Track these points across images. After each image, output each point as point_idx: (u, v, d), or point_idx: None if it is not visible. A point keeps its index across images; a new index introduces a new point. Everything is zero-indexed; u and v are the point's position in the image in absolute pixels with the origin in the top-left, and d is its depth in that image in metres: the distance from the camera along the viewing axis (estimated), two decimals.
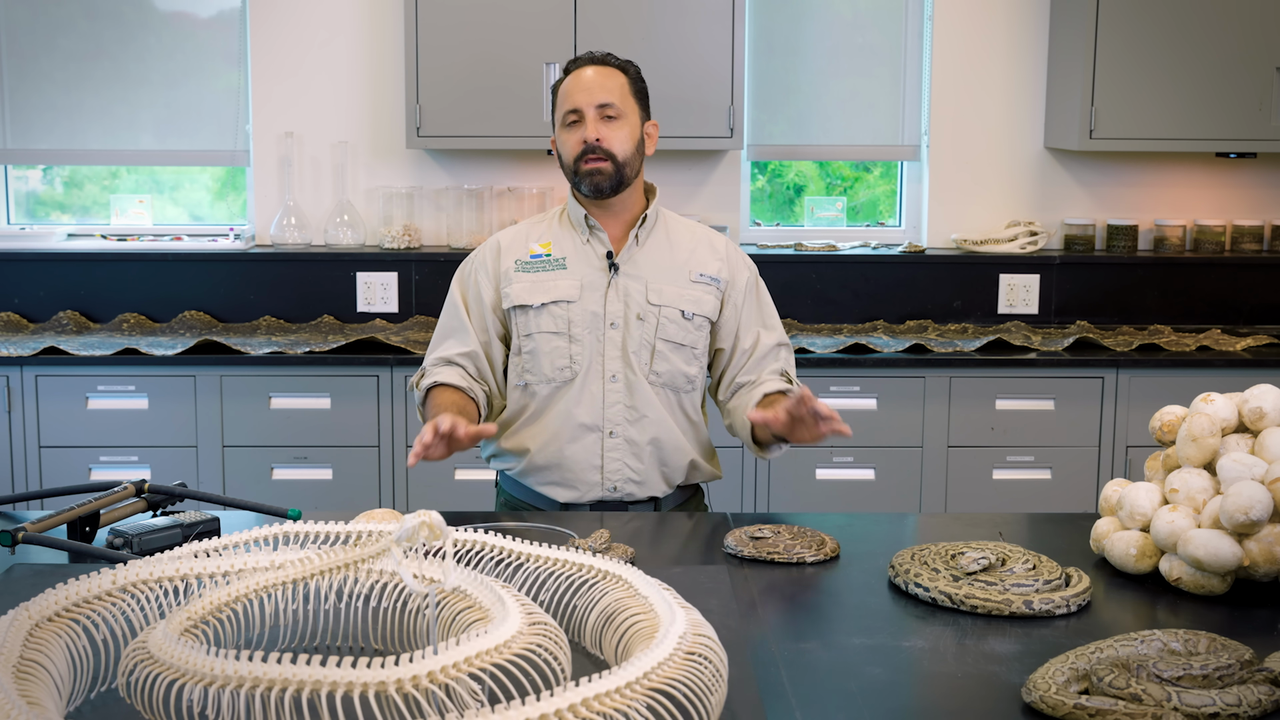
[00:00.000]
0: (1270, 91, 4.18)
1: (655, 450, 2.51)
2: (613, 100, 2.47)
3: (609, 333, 2.49)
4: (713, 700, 1.33)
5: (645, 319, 2.49)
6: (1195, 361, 4.02)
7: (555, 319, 2.49)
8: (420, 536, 1.39)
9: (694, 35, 4.08)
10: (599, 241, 2.52)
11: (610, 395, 2.49)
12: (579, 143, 2.46)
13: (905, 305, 4.48)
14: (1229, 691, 1.46)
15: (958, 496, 4.01)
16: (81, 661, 1.41)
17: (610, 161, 2.46)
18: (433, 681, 1.22)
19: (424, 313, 4.38)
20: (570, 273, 2.51)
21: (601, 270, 2.51)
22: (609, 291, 2.50)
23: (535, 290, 2.50)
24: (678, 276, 2.52)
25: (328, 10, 4.38)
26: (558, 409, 2.50)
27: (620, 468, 2.50)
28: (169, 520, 2.08)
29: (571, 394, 2.49)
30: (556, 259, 2.52)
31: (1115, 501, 2.06)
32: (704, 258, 2.56)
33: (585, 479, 2.50)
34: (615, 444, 2.49)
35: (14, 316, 4.29)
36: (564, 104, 2.50)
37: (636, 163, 2.50)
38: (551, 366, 2.49)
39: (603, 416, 2.49)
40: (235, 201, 4.64)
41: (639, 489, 2.52)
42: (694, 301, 2.52)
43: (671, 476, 2.54)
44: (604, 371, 2.49)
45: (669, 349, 2.50)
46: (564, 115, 2.49)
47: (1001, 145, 4.54)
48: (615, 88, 2.48)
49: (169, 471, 3.86)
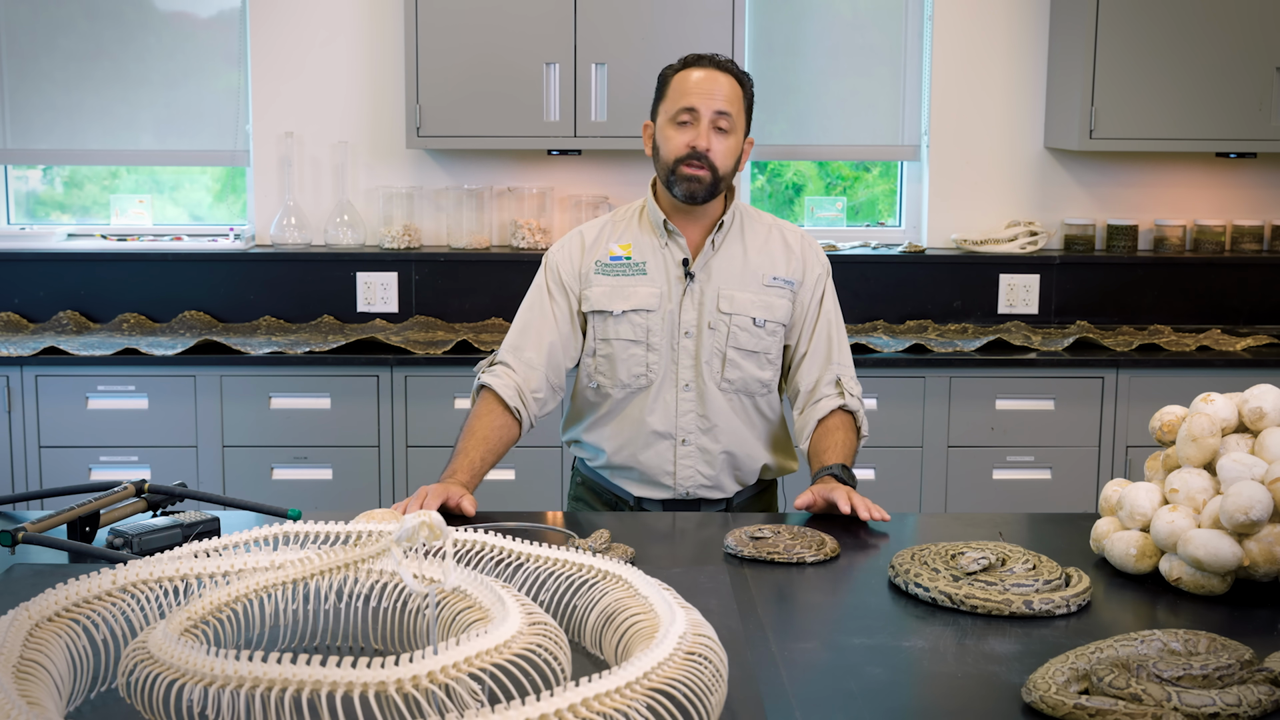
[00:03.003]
0: (1270, 91, 4.18)
1: (728, 458, 2.53)
2: (730, 110, 2.42)
3: (683, 341, 2.48)
4: (713, 700, 1.33)
5: (716, 327, 2.48)
6: (1195, 361, 4.02)
7: (634, 327, 2.48)
8: (420, 536, 1.39)
9: (694, 35, 4.08)
10: (677, 247, 2.50)
11: (683, 404, 2.49)
12: (687, 145, 2.41)
13: (905, 305, 4.48)
14: (1229, 691, 1.46)
15: (958, 496, 4.01)
16: (81, 661, 1.41)
17: (711, 173, 2.42)
18: (433, 681, 1.22)
19: (424, 313, 4.38)
20: (650, 279, 2.49)
21: (678, 278, 2.49)
22: (684, 300, 2.48)
23: (615, 296, 2.48)
24: (750, 282, 2.50)
25: (328, 10, 4.38)
26: (631, 415, 2.51)
27: (692, 474, 2.51)
28: (169, 520, 2.08)
29: (646, 401, 2.49)
30: (637, 263, 2.50)
31: (1115, 501, 2.06)
32: (776, 258, 2.53)
33: (659, 481, 2.52)
34: (688, 451, 2.50)
35: (14, 316, 4.29)
36: (679, 99, 2.43)
37: (731, 176, 2.48)
38: (628, 374, 2.49)
39: (676, 425, 2.49)
40: (235, 201, 4.64)
41: (711, 492, 2.54)
42: (766, 308, 2.50)
43: (745, 478, 2.56)
44: (678, 380, 2.49)
45: (740, 356, 2.49)
46: (677, 111, 2.42)
47: (1001, 145, 4.54)
48: (735, 98, 2.44)
49: (169, 471, 3.86)
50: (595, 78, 4.08)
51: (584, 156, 4.44)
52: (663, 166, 2.46)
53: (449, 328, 4.31)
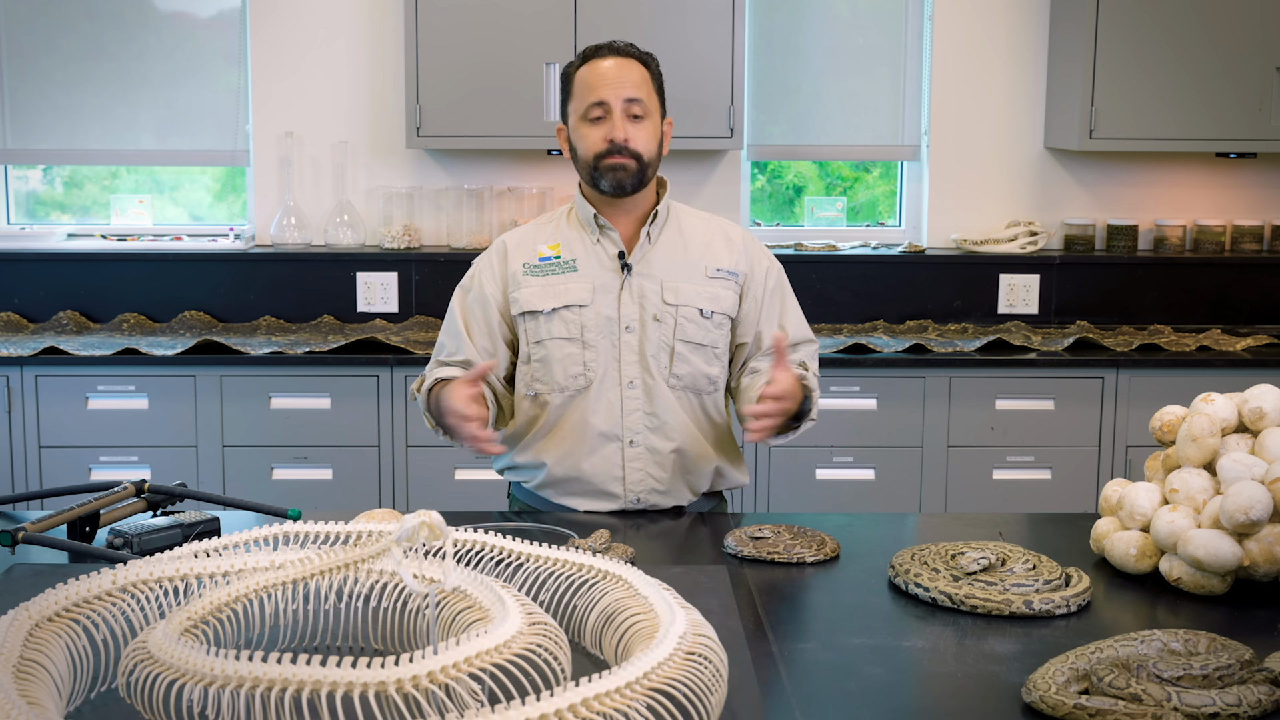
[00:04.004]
0: (1270, 91, 4.18)
1: (679, 458, 2.41)
2: (640, 96, 2.36)
3: (624, 337, 2.39)
4: (713, 700, 1.33)
5: (662, 320, 2.39)
6: (1195, 361, 4.02)
7: (567, 324, 2.38)
8: (420, 536, 1.39)
9: (694, 35, 4.08)
10: (610, 241, 2.41)
11: (629, 402, 2.39)
12: (604, 140, 2.35)
13: (905, 305, 4.48)
14: (1229, 691, 1.46)
15: (958, 496, 4.01)
16: (81, 661, 1.41)
17: (635, 160, 2.35)
18: (433, 681, 1.22)
19: (424, 313, 4.38)
20: (581, 275, 2.40)
21: (614, 271, 2.40)
22: (622, 293, 2.39)
23: (545, 295, 2.40)
24: (694, 273, 2.42)
25: (328, 10, 4.38)
26: (573, 419, 2.40)
27: (643, 478, 2.40)
28: (169, 520, 2.08)
29: (587, 402, 2.39)
30: (566, 261, 2.42)
31: (1115, 501, 2.06)
32: (720, 251, 2.46)
33: (606, 490, 2.40)
34: (636, 453, 2.39)
35: (14, 316, 4.29)
36: (586, 95, 2.37)
37: (657, 161, 2.41)
38: (564, 374, 2.39)
39: (622, 425, 2.38)
40: (235, 201, 4.64)
41: (663, 498, 2.42)
42: (712, 299, 2.41)
43: (696, 484, 2.45)
44: (620, 377, 2.39)
45: (689, 350, 2.40)
46: (587, 108, 2.36)
47: (1001, 145, 4.54)
48: (641, 82, 2.37)
49: (169, 471, 3.86)
50: None
51: None
52: (584, 166, 2.39)
53: None
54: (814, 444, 3.90)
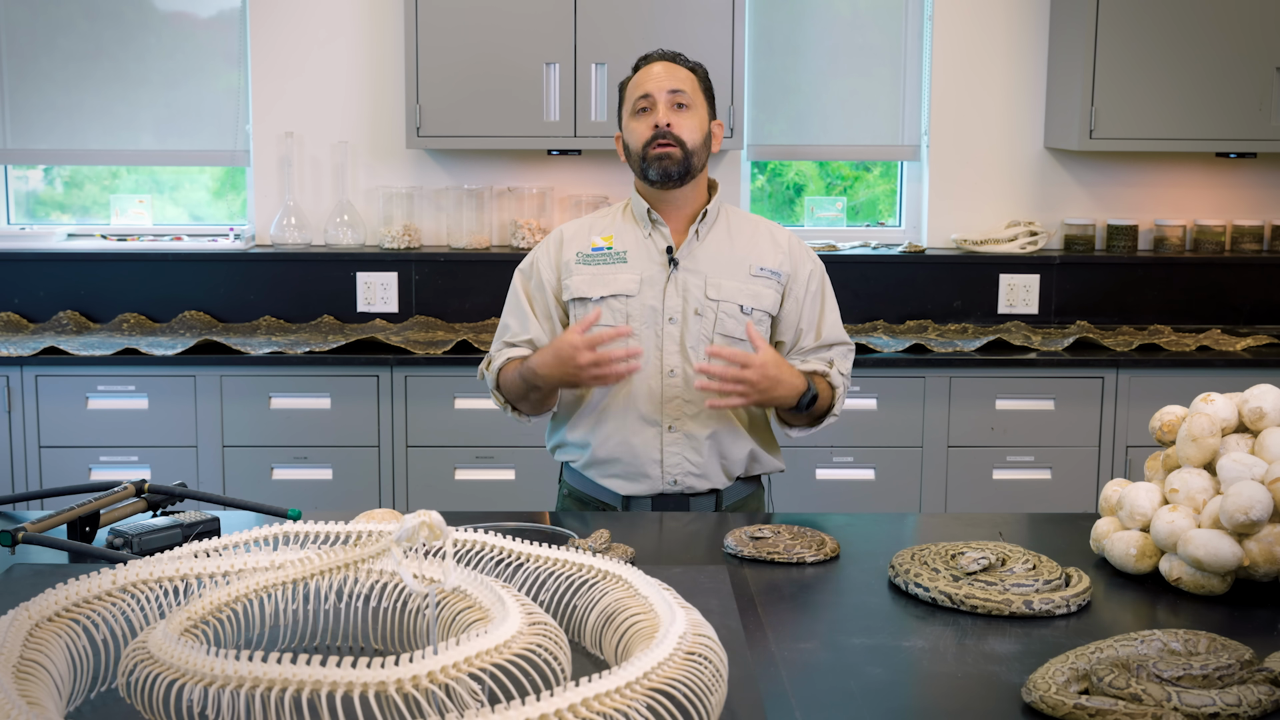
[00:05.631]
0: (1270, 91, 4.18)
1: (714, 444, 2.52)
2: (685, 89, 2.49)
3: (667, 327, 2.50)
4: (713, 700, 1.33)
5: (703, 314, 2.51)
6: (1195, 361, 4.02)
7: (614, 313, 2.50)
8: (420, 536, 1.39)
9: (694, 35, 4.08)
10: (660, 236, 2.53)
11: (669, 390, 2.50)
12: (649, 128, 2.47)
13: (905, 305, 4.48)
14: (1229, 691, 1.46)
15: (958, 496, 4.01)
16: (81, 661, 1.41)
17: (680, 148, 2.47)
18: (433, 681, 1.22)
19: (424, 313, 4.38)
20: (630, 266, 2.52)
21: (661, 265, 2.52)
22: (668, 286, 2.51)
23: (595, 283, 2.52)
24: (737, 271, 2.53)
25: (328, 10, 4.38)
26: (617, 403, 2.52)
27: (680, 461, 2.51)
28: (169, 520, 2.08)
29: (630, 388, 2.50)
30: (617, 252, 2.54)
31: (1115, 501, 2.06)
32: (765, 251, 2.56)
33: (645, 473, 2.52)
34: (674, 438, 2.51)
35: (14, 316, 4.29)
36: (634, 92, 2.51)
37: (704, 155, 2.52)
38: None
39: (661, 411, 2.50)
40: (235, 201, 4.64)
41: (699, 481, 2.53)
42: (753, 296, 2.52)
43: (731, 469, 2.56)
44: (662, 366, 2.50)
45: (727, 344, 2.49)
46: (634, 103, 2.50)
47: (1001, 145, 4.54)
48: (687, 79, 2.52)
49: (169, 471, 3.86)
50: (595, 78, 4.08)
51: (584, 156, 4.44)
52: (634, 158, 2.52)
53: (449, 328, 4.31)
54: (814, 444, 3.90)
